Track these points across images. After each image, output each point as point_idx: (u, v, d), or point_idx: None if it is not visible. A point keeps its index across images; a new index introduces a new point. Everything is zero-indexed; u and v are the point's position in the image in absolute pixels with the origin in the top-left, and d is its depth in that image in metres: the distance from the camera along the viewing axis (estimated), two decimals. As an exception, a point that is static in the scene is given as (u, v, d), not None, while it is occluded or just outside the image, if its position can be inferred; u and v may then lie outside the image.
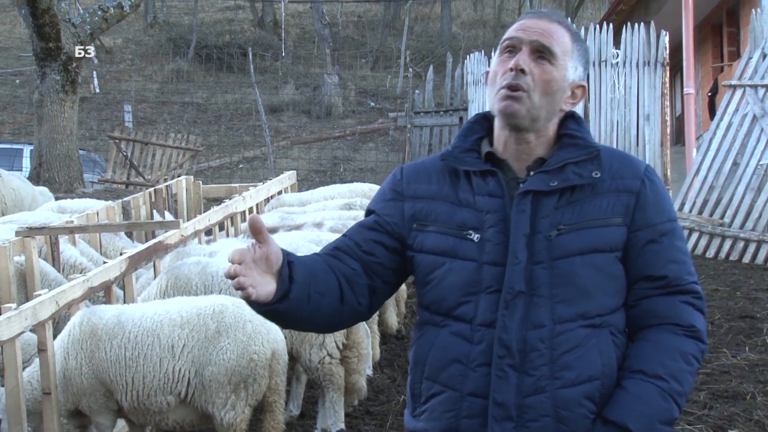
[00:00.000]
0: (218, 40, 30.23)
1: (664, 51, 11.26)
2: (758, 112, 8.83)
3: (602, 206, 2.00)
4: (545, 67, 2.02)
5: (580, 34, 2.12)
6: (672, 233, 2.04)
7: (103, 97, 26.40)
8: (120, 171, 16.12)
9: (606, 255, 1.98)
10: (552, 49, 2.02)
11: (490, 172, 2.05)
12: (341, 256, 2.11)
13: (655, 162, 11.10)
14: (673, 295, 2.01)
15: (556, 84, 2.03)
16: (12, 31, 31.61)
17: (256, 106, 20.29)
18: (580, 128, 2.09)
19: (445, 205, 2.07)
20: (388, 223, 2.12)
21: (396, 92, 26.57)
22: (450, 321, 2.02)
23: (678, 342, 1.98)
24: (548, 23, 2.05)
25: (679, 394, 1.94)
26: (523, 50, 2.02)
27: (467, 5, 34.62)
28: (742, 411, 4.82)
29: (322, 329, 2.18)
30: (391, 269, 2.13)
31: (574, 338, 1.94)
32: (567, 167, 2.01)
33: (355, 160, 22.30)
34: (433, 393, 2.02)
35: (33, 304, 4.16)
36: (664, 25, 13.15)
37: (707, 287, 7.44)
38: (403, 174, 2.17)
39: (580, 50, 2.09)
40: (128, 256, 5.25)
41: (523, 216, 1.97)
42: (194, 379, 4.12)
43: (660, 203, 2.04)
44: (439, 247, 2.04)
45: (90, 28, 15.51)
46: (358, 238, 2.13)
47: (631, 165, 2.06)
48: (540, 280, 1.95)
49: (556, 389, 1.92)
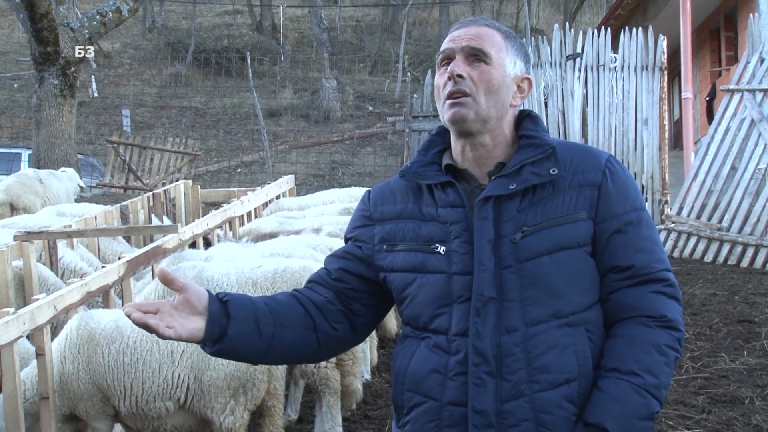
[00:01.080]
0: (216, 45, 30.26)
1: (662, 55, 11.28)
2: (756, 116, 8.84)
3: (565, 203, 1.99)
4: (482, 67, 2.03)
5: (513, 32, 2.15)
6: (638, 222, 2.02)
7: (102, 102, 26.40)
8: (118, 175, 16.11)
9: (574, 251, 1.98)
10: (484, 49, 2.04)
11: (449, 183, 2.05)
12: (314, 286, 2.18)
13: (653, 166, 11.10)
14: (642, 285, 2.00)
15: (497, 81, 2.04)
16: (10, 35, 31.61)
17: (255, 110, 20.31)
18: (537, 127, 2.09)
19: (411, 222, 2.08)
20: (359, 248, 2.16)
21: (394, 96, 26.59)
22: (428, 334, 2.03)
23: (650, 334, 1.96)
24: (476, 28, 2.07)
25: (656, 387, 1.92)
26: (457, 58, 2.04)
27: (465, 10, 34.66)
28: (740, 415, 4.82)
29: (302, 359, 2.21)
30: (366, 293, 2.16)
31: (549, 339, 1.94)
32: (524, 168, 2.01)
33: (354, 164, 22.31)
34: (414, 404, 2.03)
35: (31, 309, 4.15)
36: (662, 29, 13.18)
37: (706, 291, 7.45)
38: (370, 198, 2.21)
39: (514, 45, 2.11)
40: (126, 261, 5.25)
41: (485, 222, 1.98)
42: (193, 385, 4.11)
43: (623, 192, 2.03)
44: (408, 264, 2.06)
45: (88, 33, 15.52)
46: (330, 267, 2.20)
47: (591, 158, 2.06)
48: (509, 284, 1.95)
49: (534, 393, 1.92)
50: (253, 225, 7.77)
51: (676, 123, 18.05)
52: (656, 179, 11.07)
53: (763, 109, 8.86)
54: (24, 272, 5.87)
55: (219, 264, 5.37)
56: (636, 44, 11.31)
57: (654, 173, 11.07)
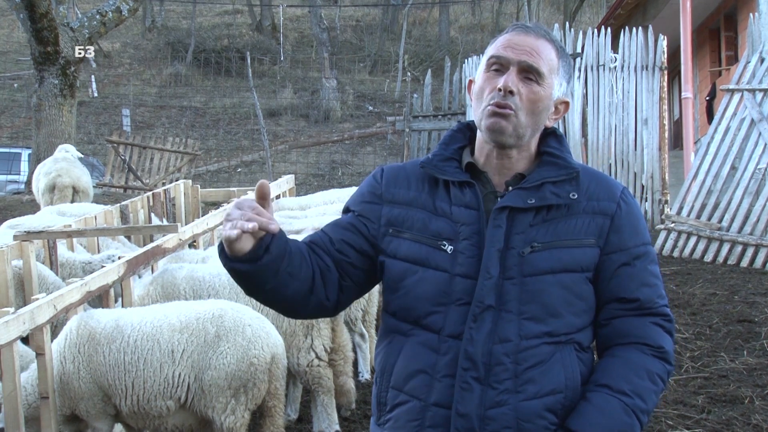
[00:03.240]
0: (216, 44, 30.25)
1: (662, 55, 11.28)
2: (756, 116, 8.84)
3: (577, 227, 2.02)
4: (533, 87, 2.03)
5: (565, 48, 2.14)
6: (645, 256, 2.06)
7: (102, 101, 26.39)
8: (118, 175, 16.11)
9: (576, 275, 2.01)
10: (540, 69, 2.03)
11: (468, 183, 2.05)
12: (316, 249, 2.10)
13: (653, 166, 11.10)
14: (644, 316, 2.04)
15: (542, 104, 2.04)
16: (10, 35, 31.60)
17: (255, 110, 20.30)
18: (561, 147, 2.11)
19: (422, 212, 2.07)
20: (364, 225, 2.12)
21: (394, 96, 26.58)
22: (418, 330, 2.03)
23: (645, 361, 2.00)
24: (535, 39, 2.05)
25: (642, 411, 1.97)
26: (511, 70, 2.02)
27: (465, 9, 34.65)
28: (740, 415, 4.83)
29: (283, 309, 2.14)
30: (362, 270, 2.13)
31: (539, 354, 1.96)
32: (545, 186, 2.02)
33: (354, 164, 22.30)
34: (398, 402, 2.03)
35: (31, 308, 4.15)
36: (662, 29, 13.17)
37: (705, 291, 7.45)
38: (383, 176, 2.17)
39: (565, 66, 2.10)
40: (126, 260, 5.25)
41: (498, 231, 1.98)
42: (194, 384, 4.11)
43: (634, 227, 2.06)
44: (412, 254, 2.05)
45: (88, 32, 15.52)
46: (332, 235, 2.13)
47: (607, 187, 2.08)
48: (510, 296, 1.97)
49: (518, 402, 1.94)
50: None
51: (676, 123, 18.05)
52: (656, 179, 11.07)
53: (763, 109, 8.85)
54: (24, 272, 5.87)
55: (210, 265, 5.38)
56: (636, 44, 11.31)
57: (654, 173, 11.07)
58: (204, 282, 5.09)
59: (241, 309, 4.30)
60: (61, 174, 10.20)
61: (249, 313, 4.27)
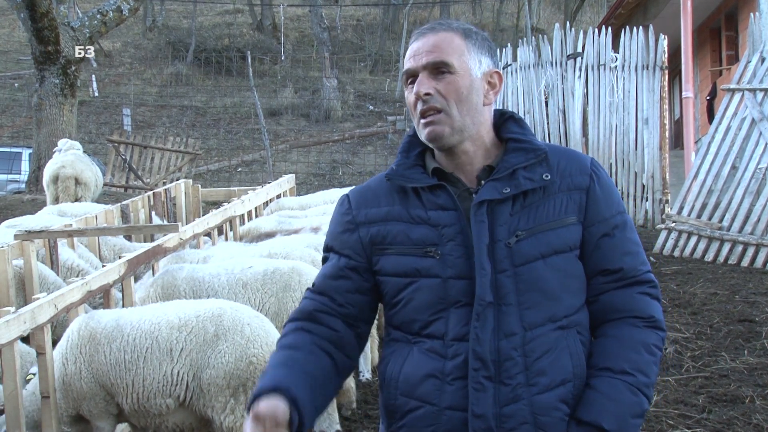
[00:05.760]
0: (217, 44, 30.27)
1: (662, 55, 11.27)
2: (756, 115, 8.84)
3: (556, 207, 2.01)
4: (447, 79, 2.01)
5: (472, 29, 2.10)
6: (623, 225, 2.07)
7: (102, 101, 26.40)
8: (119, 174, 16.12)
9: (566, 255, 2.01)
10: (445, 60, 2.01)
11: (438, 185, 2.04)
12: (321, 318, 2.10)
13: (653, 165, 11.09)
14: (629, 287, 2.04)
15: (465, 89, 2.02)
16: (11, 34, 31.62)
17: (255, 109, 20.30)
18: (524, 130, 2.09)
19: (399, 224, 2.05)
20: (352, 261, 2.10)
21: (395, 96, 26.59)
22: (422, 339, 2.02)
23: (639, 334, 2.01)
24: (434, 36, 2.04)
25: (646, 385, 1.98)
26: (420, 76, 2.02)
27: (466, 9, 34.65)
28: (741, 415, 4.82)
29: None
30: (370, 308, 2.14)
31: (546, 343, 1.96)
32: (517, 172, 2.01)
33: (354, 163, 22.31)
34: (410, 408, 2.02)
35: (31, 308, 4.15)
36: (662, 28, 13.16)
37: (706, 291, 7.44)
38: (350, 201, 2.15)
39: (476, 43, 2.07)
40: (127, 260, 5.25)
41: (482, 226, 1.97)
42: (193, 383, 4.11)
43: (609, 196, 2.07)
44: (401, 268, 2.04)
45: (89, 32, 15.52)
46: (332, 294, 2.11)
47: (577, 161, 2.08)
48: (506, 289, 1.96)
49: (532, 396, 1.94)
50: (253, 224, 7.78)
51: (676, 122, 18.05)
52: (657, 179, 11.05)
53: (763, 109, 8.85)
54: (24, 271, 5.88)
55: (210, 265, 5.39)
56: (637, 43, 11.30)
57: (654, 173, 11.06)
58: (204, 282, 5.10)
59: (241, 308, 4.30)
60: (65, 165, 10.38)
61: (248, 312, 4.27)
